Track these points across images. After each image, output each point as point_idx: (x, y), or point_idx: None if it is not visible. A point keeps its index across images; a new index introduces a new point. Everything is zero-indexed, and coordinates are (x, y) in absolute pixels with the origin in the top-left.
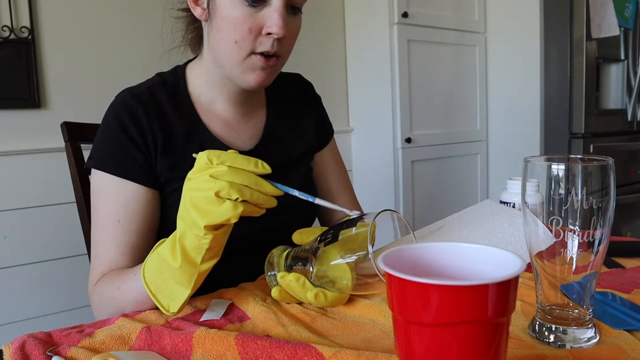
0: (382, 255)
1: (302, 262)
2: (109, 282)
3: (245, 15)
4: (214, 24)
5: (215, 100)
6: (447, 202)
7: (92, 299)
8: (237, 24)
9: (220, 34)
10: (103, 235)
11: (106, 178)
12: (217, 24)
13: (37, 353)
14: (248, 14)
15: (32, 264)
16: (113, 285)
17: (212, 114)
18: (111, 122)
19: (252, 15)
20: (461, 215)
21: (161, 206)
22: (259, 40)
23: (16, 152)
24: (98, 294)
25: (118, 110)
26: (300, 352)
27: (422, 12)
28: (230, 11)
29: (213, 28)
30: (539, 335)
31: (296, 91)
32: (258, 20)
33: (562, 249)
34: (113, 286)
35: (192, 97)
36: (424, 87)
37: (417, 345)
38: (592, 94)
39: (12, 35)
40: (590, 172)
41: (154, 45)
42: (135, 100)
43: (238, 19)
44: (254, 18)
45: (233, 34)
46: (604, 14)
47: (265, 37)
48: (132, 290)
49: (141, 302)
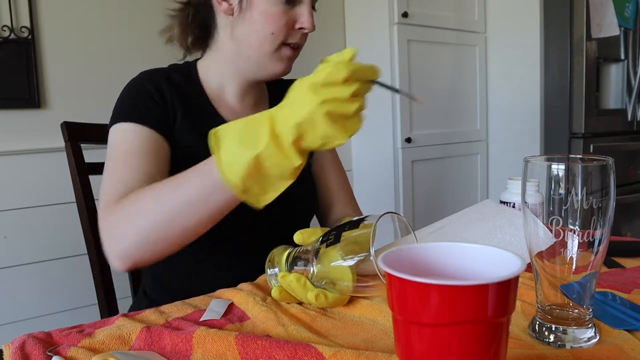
0: (382, 255)
1: (303, 262)
2: (150, 190)
3: (282, 11)
4: (246, 18)
5: (224, 91)
6: (447, 202)
7: (110, 219)
8: (275, 19)
9: (255, 27)
10: (119, 164)
11: (125, 127)
12: (252, 18)
13: (37, 353)
14: (284, 11)
15: (32, 264)
16: (156, 190)
17: (221, 102)
18: (132, 86)
19: (287, 12)
20: (461, 215)
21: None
22: (291, 33)
23: (16, 152)
24: (124, 210)
25: (138, 79)
26: (300, 352)
27: (422, 12)
28: (269, 7)
29: (245, 21)
30: (539, 335)
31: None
32: (292, 16)
33: (562, 249)
34: (157, 191)
35: (203, 85)
36: (424, 87)
37: (417, 345)
38: (592, 94)
39: (12, 35)
40: (590, 172)
41: (154, 45)
42: (156, 74)
43: (276, 14)
44: (289, 14)
45: (270, 27)
46: (604, 14)
47: (297, 31)
48: (193, 182)
49: (201, 198)
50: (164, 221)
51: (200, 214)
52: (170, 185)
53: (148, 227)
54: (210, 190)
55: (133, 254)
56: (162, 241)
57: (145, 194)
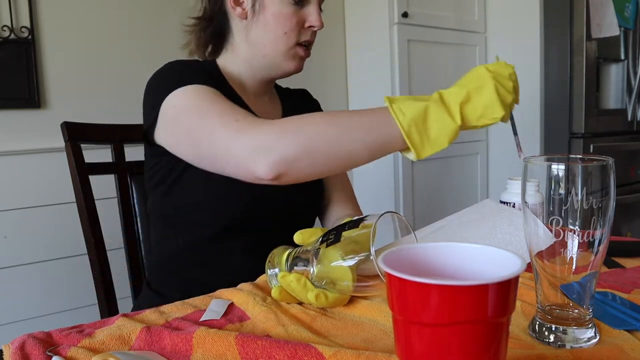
0: (382, 255)
1: (303, 262)
2: (319, 113)
3: (292, 12)
4: (260, 20)
5: (245, 89)
6: (447, 202)
7: (264, 130)
8: (287, 19)
9: (268, 28)
10: (213, 104)
11: (191, 88)
12: (265, 20)
13: (37, 353)
14: (294, 11)
15: (32, 264)
16: (327, 112)
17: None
18: (176, 62)
19: (297, 12)
20: (461, 215)
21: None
22: (302, 32)
23: (16, 152)
24: (289, 124)
25: (178, 61)
26: (300, 352)
27: (422, 12)
28: (280, 8)
29: (259, 23)
30: (539, 335)
31: (304, 101)
32: (301, 16)
33: (562, 249)
34: (327, 113)
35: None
36: (424, 87)
37: (417, 345)
38: (592, 94)
39: (12, 35)
40: (590, 172)
41: (154, 45)
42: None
43: (288, 14)
44: (299, 14)
45: (283, 27)
46: (604, 14)
47: (307, 29)
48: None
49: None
50: (332, 135)
51: (363, 141)
52: (341, 112)
53: (316, 139)
54: (378, 124)
55: (291, 161)
56: (322, 155)
57: (314, 114)
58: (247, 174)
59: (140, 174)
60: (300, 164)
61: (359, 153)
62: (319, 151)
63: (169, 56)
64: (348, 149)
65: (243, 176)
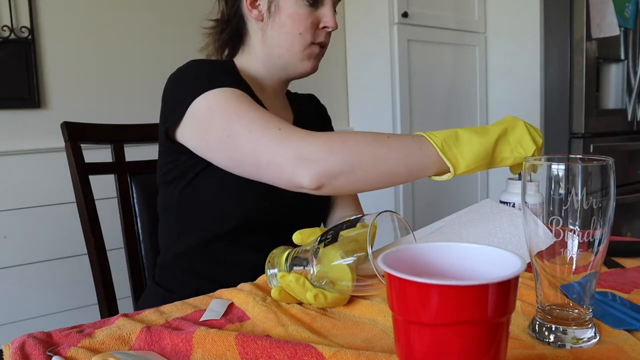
0: (382, 255)
1: (302, 262)
2: (361, 132)
3: (307, 13)
4: (276, 22)
5: (262, 89)
6: (447, 202)
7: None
8: (302, 19)
9: (284, 29)
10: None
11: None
12: (281, 21)
13: (37, 353)
14: (309, 12)
15: (32, 264)
16: (368, 132)
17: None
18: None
19: (312, 13)
20: (461, 215)
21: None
22: (317, 33)
23: (16, 152)
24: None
25: (198, 60)
26: (300, 352)
27: (422, 12)
28: (295, 10)
29: (275, 25)
30: (539, 335)
31: (312, 106)
32: (316, 17)
33: (562, 249)
34: (369, 133)
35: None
36: (424, 87)
37: (417, 345)
38: (592, 94)
39: (12, 35)
40: (590, 172)
41: (154, 45)
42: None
43: (303, 15)
44: (313, 15)
45: (298, 28)
46: (604, 14)
47: (322, 30)
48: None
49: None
50: (377, 153)
51: (405, 162)
52: (379, 133)
53: (361, 155)
54: (416, 146)
55: (335, 175)
56: (364, 172)
57: (356, 132)
58: (289, 182)
59: (140, 174)
60: (343, 178)
61: (400, 173)
62: (362, 168)
63: (169, 56)
64: (390, 167)
65: (284, 184)
